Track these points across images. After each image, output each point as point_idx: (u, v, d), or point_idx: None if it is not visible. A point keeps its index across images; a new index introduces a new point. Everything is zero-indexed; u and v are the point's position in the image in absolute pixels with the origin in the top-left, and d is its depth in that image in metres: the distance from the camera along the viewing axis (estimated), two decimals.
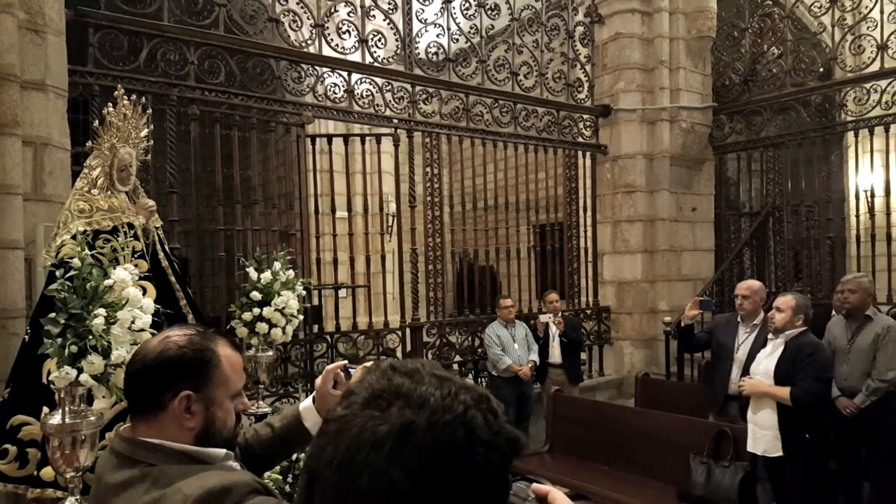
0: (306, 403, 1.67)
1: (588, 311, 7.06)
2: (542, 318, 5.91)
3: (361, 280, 6.15)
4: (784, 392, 3.62)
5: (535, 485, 0.77)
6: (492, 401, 0.69)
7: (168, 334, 1.31)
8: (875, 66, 6.00)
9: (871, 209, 6.41)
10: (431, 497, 0.61)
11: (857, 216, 6.51)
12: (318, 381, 1.64)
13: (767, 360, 3.81)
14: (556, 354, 5.91)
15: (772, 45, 6.86)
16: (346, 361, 1.71)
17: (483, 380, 6.15)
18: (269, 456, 1.66)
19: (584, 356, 6.73)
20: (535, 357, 5.80)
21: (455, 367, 6.14)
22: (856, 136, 6.27)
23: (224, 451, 1.30)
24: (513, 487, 0.74)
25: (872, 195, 6.36)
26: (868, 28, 6.08)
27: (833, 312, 4.64)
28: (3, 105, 3.22)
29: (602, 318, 7.09)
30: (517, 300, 6.32)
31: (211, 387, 1.28)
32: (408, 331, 5.80)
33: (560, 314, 5.96)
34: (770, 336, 3.90)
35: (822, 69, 6.56)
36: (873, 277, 4.72)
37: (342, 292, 6.21)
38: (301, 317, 3.88)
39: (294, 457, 2.80)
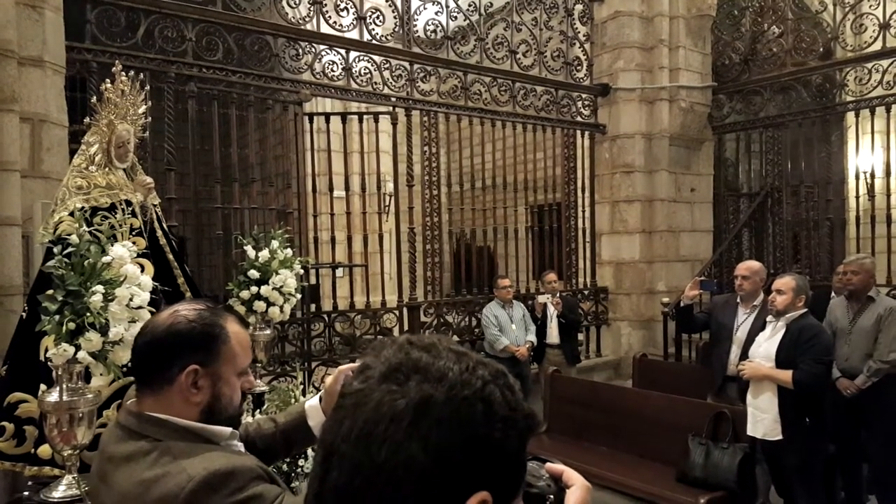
0: (312, 402, 1.65)
1: (586, 292, 7.07)
2: (540, 298, 5.91)
3: (359, 259, 6.13)
4: (786, 375, 3.61)
5: (548, 464, 0.77)
6: (508, 377, 0.69)
7: (178, 308, 1.30)
8: (877, 46, 5.95)
9: (870, 190, 6.40)
10: (450, 472, 0.60)
11: (857, 197, 6.50)
12: (329, 380, 1.62)
13: (768, 344, 3.79)
14: (553, 335, 5.92)
15: (772, 24, 6.80)
16: (359, 363, 1.69)
17: None
18: (269, 451, 1.64)
19: (581, 337, 6.74)
20: (532, 337, 5.81)
21: None
22: (856, 116, 6.24)
23: (229, 429, 1.30)
24: (527, 467, 0.73)
25: (872, 176, 6.35)
26: (870, 7, 6.03)
27: (832, 294, 4.64)
28: (1, 81, 3.18)
29: (600, 298, 7.10)
30: (514, 280, 6.32)
31: (218, 362, 1.27)
32: (405, 310, 5.79)
33: (558, 294, 5.97)
34: (769, 319, 3.88)
35: (822, 49, 6.51)
36: (873, 259, 4.72)
37: (339, 271, 6.20)
38: (299, 295, 3.87)
39: None
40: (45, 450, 2.57)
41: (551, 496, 0.71)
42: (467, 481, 0.61)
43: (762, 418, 3.74)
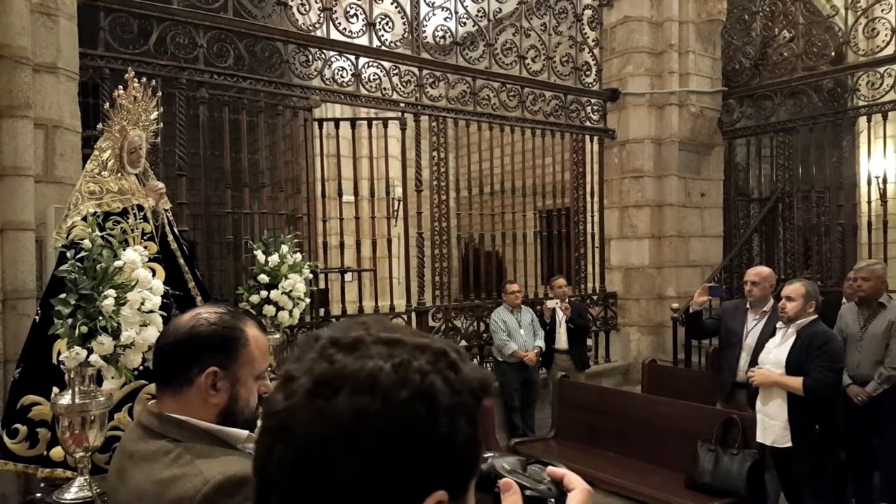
0: None
1: (594, 297, 7.05)
2: (549, 303, 5.91)
3: (368, 264, 6.15)
4: (796, 382, 3.58)
5: (550, 468, 0.75)
6: (450, 354, 0.62)
7: (199, 311, 1.33)
8: (889, 50, 5.93)
9: (883, 195, 6.34)
10: (397, 482, 0.57)
11: (869, 202, 6.46)
12: None
13: (778, 350, 3.77)
14: (562, 340, 5.92)
15: (783, 28, 6.78)
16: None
17: (488, 365, 6.17)
18: None
19: (590, 342, 6.72)
20: (540, 343, 5.80)
21: None
22: (868, 121, 6.20)
23: (246, 432, 1.32)
24: (528, 470, 0.73)
25: (885, 181, 6.30)
26: (882, 10, 6.01)
27: (843, 300, 4.61)
28: (16, 88, 3.21)
29: (609, 304, 7.08)
30: (523, 286, 6.31)
31: (237, 365, 1.29)
32: (413, 315, 5.81)
33: (567, 300, 5.96)
34: (779, 325, 3.85)
35: (834, 53, 6.49)
36: (885, 265, 4.68)
37: (348, 276, 6.22)
38: (308, 300, 3.89)
39: None
40: (57, 452, 2.60)
41: (552, 500, 0.71)
42: (418, 486, 0.57)
43: (771, 425, 3.72)
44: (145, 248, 2.72)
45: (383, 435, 0.56)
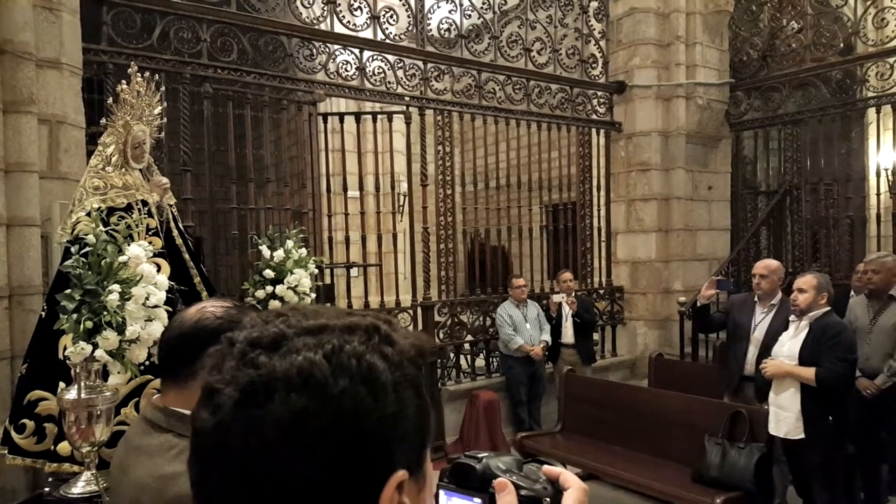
0: None
1: (601, 291, 7.03)
2: (555, 297, 5.89)
3: (373, 259, 6.15)
4: (809, 373, 3.57)
5: (545, 467, 0.74)
6: (381, 328, 0.59)
7: (205, 305, 1.33)
8: None
9: (892, 188, 6.27)
10: (350, 474, 0.54)
11: (878, 195, 6.40)
12: None
13: (791, 343, 3.75)
14: (568, 334, 5.90)
15: (791, 19, 6.71)
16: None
17: (494, 359, 6.16)
18: None
19: (596, 336, 6.71)
20: (546, 337, 5.79)
21: (467, 346, 6.16)
22: (878, 112, 6.14)
23: None
24: (523, 470, 0.72)
25: (894, 173, 6.23)
26: (892, 0, 5.92)
27: (852, 293, 4.57)
28: (20, 83, 3.22)
29: (615, 297, 7.06)
30: (529, 280, 6.30)
31: None
32: (419, 310, 5.80)
33: (573, 294, 5.94)
34: (792, 318, 3.83)
35: (842, 44, 6.42)
36: (895, 257, 4.63)
37: (354, 271, 6.22)
38: (313, 295, 3.88)
39: None
40: (64, 447, 2.61)
41: (548, 499, 0.70)
42: (374, 474, 0.55)
43: (785, 417, 3.70)
44: (150, 243, 2.71)
45: (329, 431, 0.53)
